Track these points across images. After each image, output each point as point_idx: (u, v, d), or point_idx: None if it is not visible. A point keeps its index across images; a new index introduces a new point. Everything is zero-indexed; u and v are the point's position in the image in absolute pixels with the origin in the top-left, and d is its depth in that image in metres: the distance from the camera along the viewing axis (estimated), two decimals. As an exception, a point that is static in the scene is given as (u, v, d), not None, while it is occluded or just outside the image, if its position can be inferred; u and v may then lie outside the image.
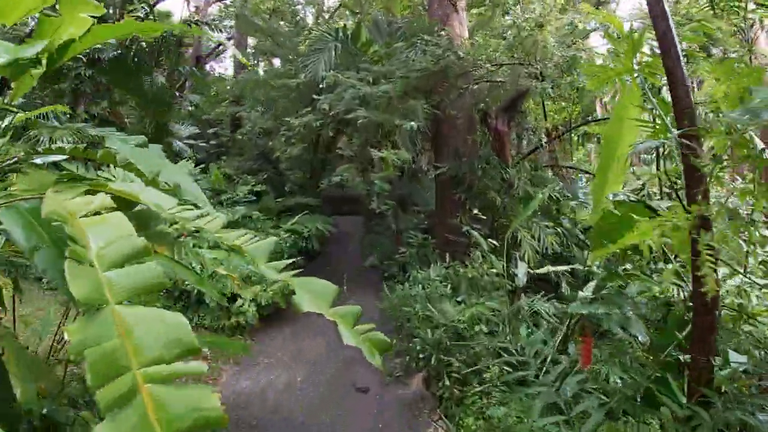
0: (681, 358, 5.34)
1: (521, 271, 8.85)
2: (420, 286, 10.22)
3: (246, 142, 16.26)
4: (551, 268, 9.45)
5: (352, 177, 14.95)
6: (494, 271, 9.20)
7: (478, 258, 9.95)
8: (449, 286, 9.83)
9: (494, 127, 12.97)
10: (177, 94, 22.42)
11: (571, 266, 10.08)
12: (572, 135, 18.21)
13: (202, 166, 16.93)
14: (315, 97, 13.04)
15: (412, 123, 10.84)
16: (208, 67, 29.73)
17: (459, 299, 9.27)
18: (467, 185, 11.78)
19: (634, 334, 5.94)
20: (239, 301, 10.66)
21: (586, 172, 14.05)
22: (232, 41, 24.92)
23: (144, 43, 20.75)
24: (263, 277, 11.00)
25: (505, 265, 8.78)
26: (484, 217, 11.64)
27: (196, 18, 25.73)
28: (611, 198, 6.71)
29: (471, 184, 11.88)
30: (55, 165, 4.44)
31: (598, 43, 21.58)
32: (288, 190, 16.60)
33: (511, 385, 7.17)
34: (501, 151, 12.68)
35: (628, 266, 7.60)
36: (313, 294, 2.55)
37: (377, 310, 11.41)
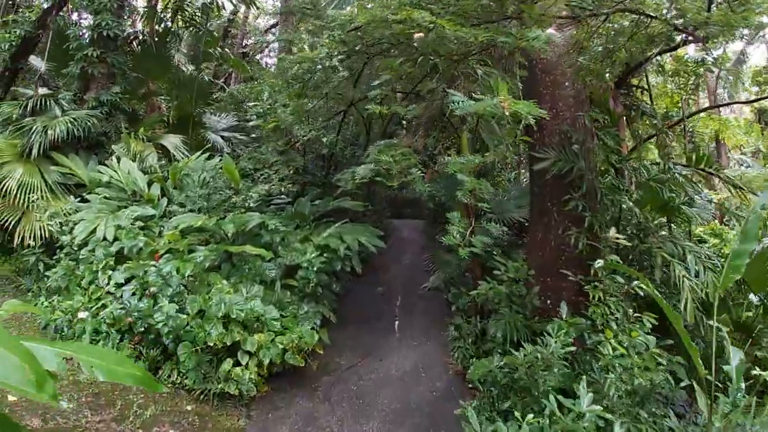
0: None
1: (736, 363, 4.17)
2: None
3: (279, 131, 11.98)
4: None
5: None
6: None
7: (624, 321, 5.37)
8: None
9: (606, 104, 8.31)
10: (221, 84, 18.58)
11: None
12: (687, 126, 13.27)
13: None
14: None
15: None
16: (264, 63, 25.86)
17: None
18: (586, 190, 7.05)
19: None
20: (230, 361, 6.31)
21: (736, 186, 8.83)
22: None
23: (182, 32, 17.45)
24: (271, 320, 6.54)
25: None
26: (629, 244, 6.90)
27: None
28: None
29: (592, 189, 7.17)
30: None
31: None
32: (318, 184, 12.07)
33: None
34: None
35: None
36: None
37: (445, 368, 6.87)
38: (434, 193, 12.29)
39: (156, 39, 14.55)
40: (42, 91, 12.58)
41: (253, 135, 15.14)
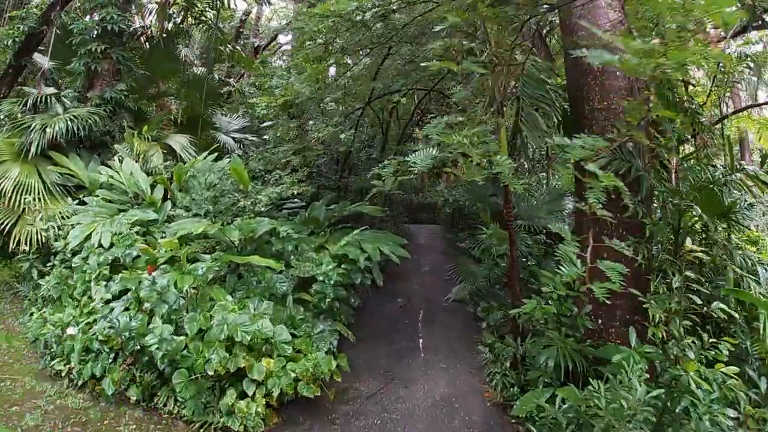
0: None
1: None
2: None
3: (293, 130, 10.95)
4: None
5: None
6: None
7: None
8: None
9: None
10: (234, 86, 17.57)
11: None
12: (725, 125, 12.07)
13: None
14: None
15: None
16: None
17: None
18: (645, 193, 5.98)
19: None
20: (234, 392, 5.24)
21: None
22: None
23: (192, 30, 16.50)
24: (282, 344, 5.44)
25: None
26: (707, 257, 5.81)
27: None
28: None
29: (651, 193, 6.10)
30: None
31: None
32: (333, 187, 11.02)
33: None
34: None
35: None
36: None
37: (482, 398, 5.79)
38: (459, 198, 11.23)
39: (165, 36, 13.57)
40: (50, 90, 11.65)
41: (265, 137, 14.11)
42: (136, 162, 10.30)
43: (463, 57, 5.95)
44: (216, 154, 10.24)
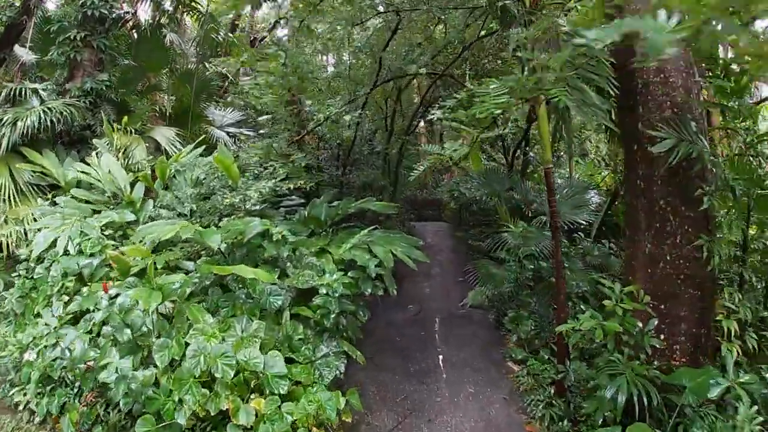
0: None
1: None
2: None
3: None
4: None
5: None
6: None
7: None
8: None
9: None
10: (231, 79, 16.14)
11: None
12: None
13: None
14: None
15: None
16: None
17: None
18: (718, 184, 4.70)
19: None
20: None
21: None
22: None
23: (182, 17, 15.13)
24: (275, 378, 4.09)
25: None
26: None
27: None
28: None
29: (722, 183, 4.81)
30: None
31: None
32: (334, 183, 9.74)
33: None
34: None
35: None
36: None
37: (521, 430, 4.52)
38: (475, 192, 9.89)
39: (154, 24, 12.21)
40: (30, 84, 10.33)
41: (262, 131, 12.74)
42: (117, 157, 8.97)
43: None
44: (204, 146, 8.85)
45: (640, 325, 4.83)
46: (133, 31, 12.65)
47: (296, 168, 7.46)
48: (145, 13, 13.02)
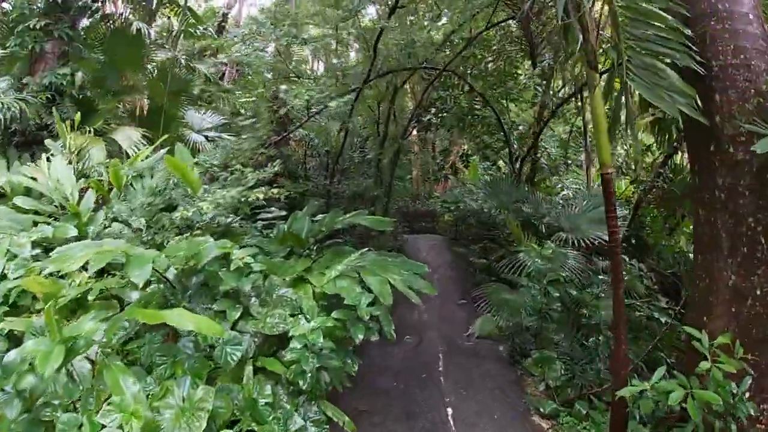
0: None
1: None
2: None
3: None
4: None
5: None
6: None
7: None
8: None
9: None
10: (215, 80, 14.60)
11: None
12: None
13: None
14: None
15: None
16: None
17: None
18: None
19: None
20: None
21: None
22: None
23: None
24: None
25: None
26: None
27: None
28: None
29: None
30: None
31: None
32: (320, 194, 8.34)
33: None
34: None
35: None
36: None
37: None
38: (483, 204, 8.43)
39: (125, 15, 10.68)
40: None
41: (244, 136, 11.22)
42: (70, 160, 7.41)
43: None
44: (167, 148, 7.27)
45: (735, 386, 3.38)
46: (105, 22, 11.08)
47: (271, 173, 5.91)
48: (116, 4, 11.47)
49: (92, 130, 8.57)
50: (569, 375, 5.09)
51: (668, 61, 3.68)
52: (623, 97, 3.68)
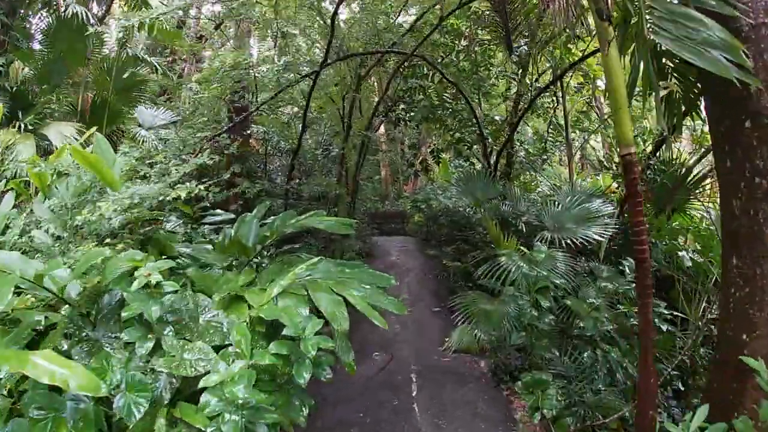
0: None
1: None
2: None
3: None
4: None
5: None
6: None
7: None
8: None
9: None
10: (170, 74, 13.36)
11: None
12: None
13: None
14: None
15: None
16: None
17: None
18: None
19: None
20: None
21: None
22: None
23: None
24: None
25: None
26: None
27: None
28: None
29: None
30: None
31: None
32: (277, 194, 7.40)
33: None
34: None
35: None
36: None
37: None
38: (457, 202, 7.53)
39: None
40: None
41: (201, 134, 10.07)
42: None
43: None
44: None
45: None
46: (48, 11, 9.80)
47: (196, 164, 4.86)
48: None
49: (24, 125, 7.49)
50: (566, 400, 4.22)
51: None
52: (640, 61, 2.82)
